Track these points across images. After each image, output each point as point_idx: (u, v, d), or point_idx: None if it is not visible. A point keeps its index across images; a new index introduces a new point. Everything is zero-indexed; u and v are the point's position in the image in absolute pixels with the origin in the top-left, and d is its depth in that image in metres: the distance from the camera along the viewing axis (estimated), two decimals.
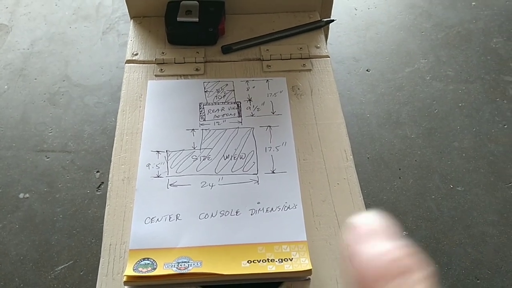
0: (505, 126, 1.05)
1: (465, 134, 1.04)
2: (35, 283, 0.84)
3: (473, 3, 1.34)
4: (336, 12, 0.68)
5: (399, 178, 0.97)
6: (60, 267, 0.86)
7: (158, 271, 0.43)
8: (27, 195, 0.97)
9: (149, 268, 0.44)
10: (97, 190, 0.96)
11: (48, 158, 1.03)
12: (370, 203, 0.88)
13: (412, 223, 0.90)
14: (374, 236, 0.16)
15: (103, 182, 0.94)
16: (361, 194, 0.50)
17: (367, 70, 1.17)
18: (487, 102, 1.10)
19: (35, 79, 1.20)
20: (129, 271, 0.43)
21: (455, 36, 1.27)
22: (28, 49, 1.28)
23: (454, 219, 0.91)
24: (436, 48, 1.24)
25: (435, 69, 1.18)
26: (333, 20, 0.67)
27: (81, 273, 0.85)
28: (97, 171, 0.99)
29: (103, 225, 0.47)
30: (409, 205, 0.93)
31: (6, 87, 1.19)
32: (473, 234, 0.89)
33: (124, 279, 0.43)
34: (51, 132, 1.08)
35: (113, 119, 0.75)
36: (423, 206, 0.93)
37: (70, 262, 0.87)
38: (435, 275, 0.15)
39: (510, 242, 0.88)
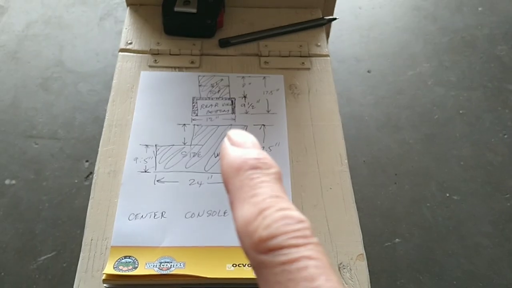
0: (505, 136, 1.04)
1: (464, 142, 1.02)
2: (17, 272, 0.83)
3: (480, 9, 1.32)
4: (339, 10, 0.66)
5: (395, 183, 0.95)
6: (43, 257, 0.85)
7: (139, 271, 0.42)
8: (13, 181, 0.95)
9: (130, 267, 0.42)
10: (85, 180, 0.94)
11: (37, 144, 1.01)
12: (363, 208, 0.86)
13: (406, 230, 0.89)
14: (243, 144, 0.20)
15: (91, 172, 0.93)
16: (354, 200, 0.48)
17: (368, 71, 1.15)
18: (488, 111, 1.08)
19: (29, 62, 1.17)
20: (109, 269, 0.42)
21: (459, 41, 1.25)
22: (23, 31, 1.25)
23: (448, 229, 0.90)
24: (439, 52, 1.22)
25: (437, 74, 1.16)
26: (335, 19, 0.65)
27: (65, 265, 0.84)
28: (86, 161, 0.97)
29: None
30: (404, 211, 0.92)
31: None
32: (467, 245, 0.88)
33: (103, 277, 0.42)
34: (41, 118, 1.06)
35: (106, 108, 0.72)
36: (418, 214, 0.92)
37: (54, 253, 0.85)
38: (281, 174, 0.20)
39: (504, 254, 0.87)
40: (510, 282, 0.83)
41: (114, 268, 0.42)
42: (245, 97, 0.56)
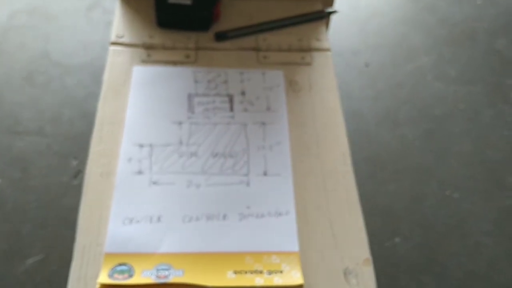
0: (506, 132, 1.03)
1: (464, 138, 1.02)
2: (4, 276, 0.80)
3: (478, 1, 1.31)
4: (337, 1, 0.64)
5: (395, 181, 0.94)
6: (31, 260, 0.82)
7: (136, 279, 0.40)
8: None
9: (126, 275, 0.41)
10: (74, 179, 0.91)
11: (23, 141, 0.98)
12: (363, 206, 0.85)
13: (406, 230, 0.88)
14: None
15: (80, 170, 0.90)
16: (359, 202, 0.47)
17: (366, 65, 1.14)
18: (489, 106, 1.08)
19: (13, 55, 1.14)
20: (104, 278, 0.40)
21: (459, 34, 1.24)
22: (6, 22, 1.21)
23: (449, 227, 0.90)
24: (439, 45, 1.21)
25: (437, 67, 1.16)
26: (336, 11, 0.63)
27: (54, 268, 0.81)
28: (75, 159, 0.94)
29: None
30: (404, 210, 0.91)
31: None
32: (468, 244, 0.88)
33: (97, 286, 0.40)
34: (27, 114, 1.03)
35: (95, 103, 0.69)
36: (418, 212, 0.91)
37: (42, 256, 0.83)
38: None
39: (505, 253, 0.87)
40: (511, 282, 0.83)
41: (108, 276, 0.40)
42: (243, 93, 0.54)
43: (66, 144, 0.97)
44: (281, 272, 0.41)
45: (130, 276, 0.40)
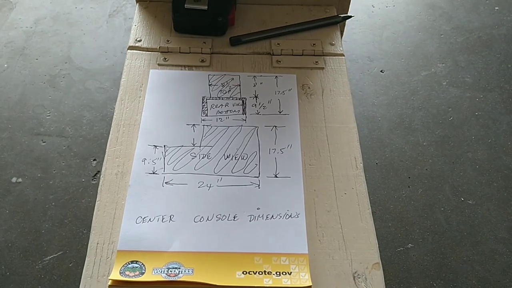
0: None
1: (480, 145, 1.00)
2: (22, 272, 0.82)
3: (496, 8, 1.29)
4: (352, 8, 0.65)
5: (408, 187, 0.93)
6: (48, 257, 0.84)
7: (146, 277, 0.41)
8: (20, 179, 0.95)
9: (137, 272, 0.41)
10: (92, 179, 0.93)
11: (44, 142, 1.00)
12: (375, 212, 0.85)
13: (419, 235, 0.87)
14: None
15: (99, 171, 0.92)
16: (369, 206, 0.47)
17: (381, 71, 1.13)
18: (505, 113, 1.06)
19: (36, 59, 1.17)
20: (115, 275, 0.41)
21: (475, 41, 1.23)
22: (31, 27, 1.25)
23: (463, 234, 0.88)
24: (455, 52, 1.20)
25: (452, 74, 1.14)
26: (350, 16, 0.63)
27: (70, 265, 0.83)
28: (94, 159, 0.97)
29: None
30: (417, 216, 0.90)
31: (6, 65, 1.16)
32: (482, 251, 0.86)
33: (109, 283, 0.41)
34: (49, 116, 1.05)
35: (114, 106, 0.72)
36: (431, 218, 0.90)
37: (60, 253, 0.85)
38: None
39: None
40: None
41: (120, 273, 0.41)
42: (256, 97, 0.55)
43: (86, 145, 0.99)
44: (289, 273, 0.41)
45: (141, 273, 0.41)
